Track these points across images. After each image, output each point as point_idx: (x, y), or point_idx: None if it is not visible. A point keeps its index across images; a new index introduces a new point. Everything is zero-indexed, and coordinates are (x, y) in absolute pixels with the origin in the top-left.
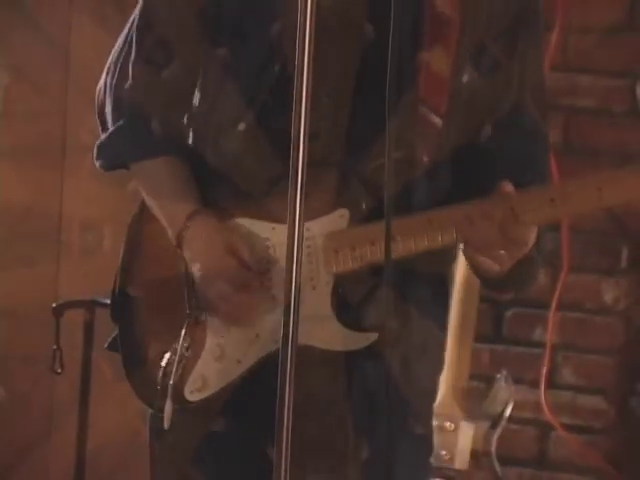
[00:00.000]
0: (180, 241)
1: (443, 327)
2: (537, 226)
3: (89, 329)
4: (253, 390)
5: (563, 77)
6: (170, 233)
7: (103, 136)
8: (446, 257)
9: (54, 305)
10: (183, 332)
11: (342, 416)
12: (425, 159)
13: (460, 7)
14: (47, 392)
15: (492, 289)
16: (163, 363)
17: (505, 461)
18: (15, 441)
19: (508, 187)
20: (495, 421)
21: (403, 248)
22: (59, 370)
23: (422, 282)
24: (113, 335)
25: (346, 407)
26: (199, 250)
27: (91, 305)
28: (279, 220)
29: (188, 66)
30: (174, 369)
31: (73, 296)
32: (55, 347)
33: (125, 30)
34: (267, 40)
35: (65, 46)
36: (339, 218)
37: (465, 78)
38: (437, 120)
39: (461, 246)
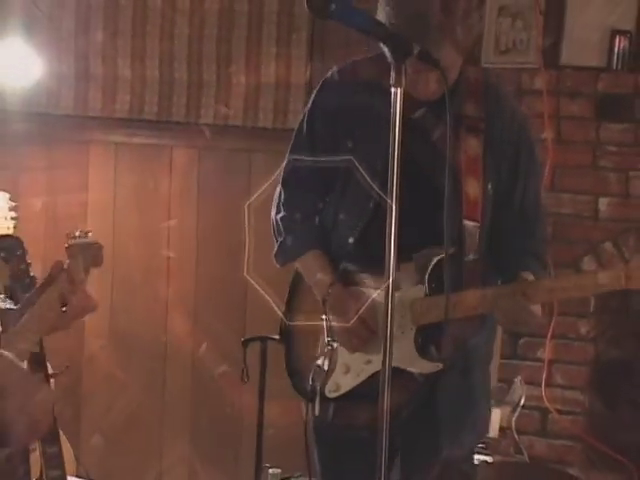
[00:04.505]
0: (325, 302)
1: (490, 352)
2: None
3: (264, 354)
4: (366, 394)
5: (552, 195)
6: (318, 296)
7: (275, 247)
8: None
9: (242, 339)
10: (324, 356)
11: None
12: (471, 256)
13: (482, 152)
14: (237, 395)
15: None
16: (312, 374)
17: (520, 432)
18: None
19: (529, 277)
20: (514, 407)
21: (458, 311)
22: (246, 380)
23: (473, 328)
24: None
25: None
26: (338, 309)
27: (265, 339)
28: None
29: (317, 205)
30: (318, 378)
31: (255, 334)
32: (243, 366)
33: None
34: (366, 186)
35: None
36: (419, 291)
37: (487, 195)
38: (473, 226)
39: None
